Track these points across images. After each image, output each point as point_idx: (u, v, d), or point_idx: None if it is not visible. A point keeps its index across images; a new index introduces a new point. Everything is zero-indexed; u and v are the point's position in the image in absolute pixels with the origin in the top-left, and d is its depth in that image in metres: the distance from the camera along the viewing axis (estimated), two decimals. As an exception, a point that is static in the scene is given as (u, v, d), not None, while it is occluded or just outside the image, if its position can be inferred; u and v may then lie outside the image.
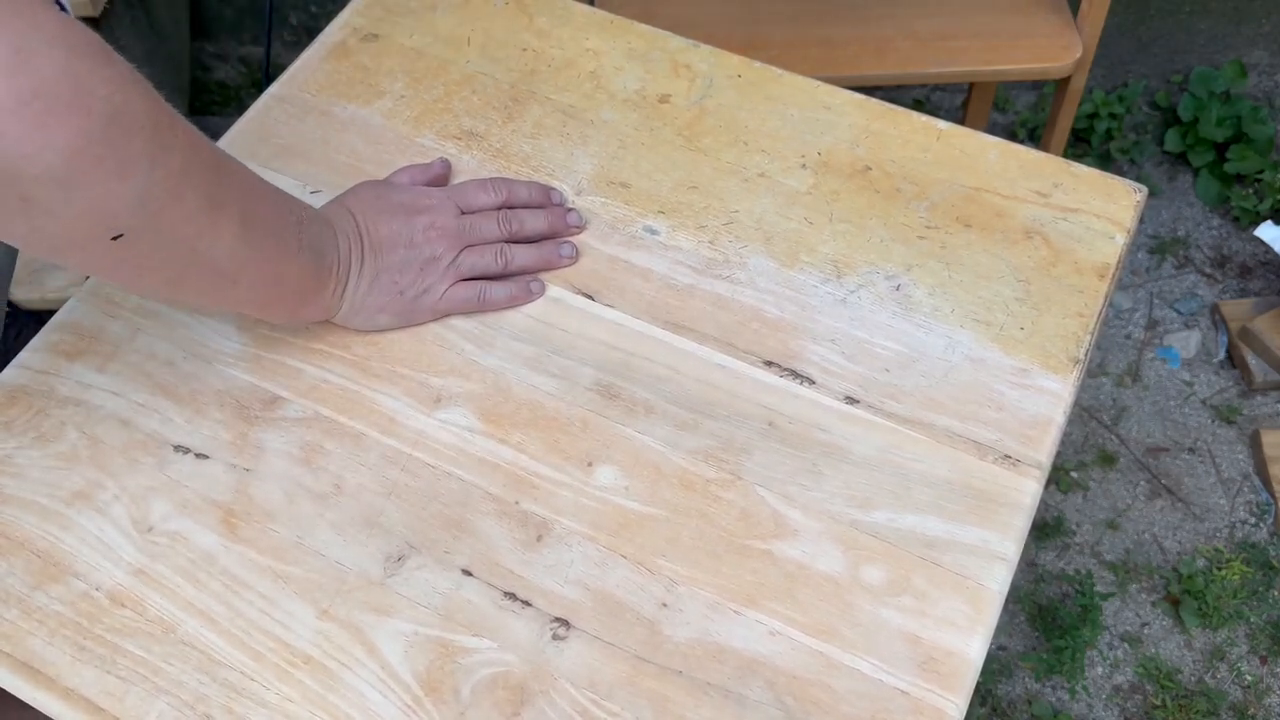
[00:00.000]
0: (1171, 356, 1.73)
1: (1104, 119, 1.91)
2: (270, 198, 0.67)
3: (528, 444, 0.72)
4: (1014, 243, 0.79)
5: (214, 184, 0.62)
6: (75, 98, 0.52)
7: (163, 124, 0.57)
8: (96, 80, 0.53)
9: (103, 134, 0.54)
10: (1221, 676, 1.48)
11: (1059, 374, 0.73)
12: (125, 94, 0.55)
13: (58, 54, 0.52)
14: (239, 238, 0.63)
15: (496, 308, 0.77)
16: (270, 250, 0.67)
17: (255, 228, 0.65)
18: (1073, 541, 1.58)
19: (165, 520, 0.70)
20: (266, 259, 0.67)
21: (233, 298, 0.68)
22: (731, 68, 0.88)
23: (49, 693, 0.64)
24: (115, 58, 0.56)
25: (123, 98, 0.55)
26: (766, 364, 0.74)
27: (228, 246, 0.63)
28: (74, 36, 0.53)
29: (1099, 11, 1.31)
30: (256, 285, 0.68)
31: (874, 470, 0.70)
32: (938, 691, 0.63)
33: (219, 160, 0.63)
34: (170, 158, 0.58)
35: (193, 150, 0.60)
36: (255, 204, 0.65)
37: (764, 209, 0.81)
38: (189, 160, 0.59)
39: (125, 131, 0.55)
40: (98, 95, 0.53)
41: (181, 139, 0.59)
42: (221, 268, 0.64)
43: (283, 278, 0.69)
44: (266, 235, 0.66)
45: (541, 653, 0.65)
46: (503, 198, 0.79)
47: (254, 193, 0.66)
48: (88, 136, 0.53)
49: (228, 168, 0.64)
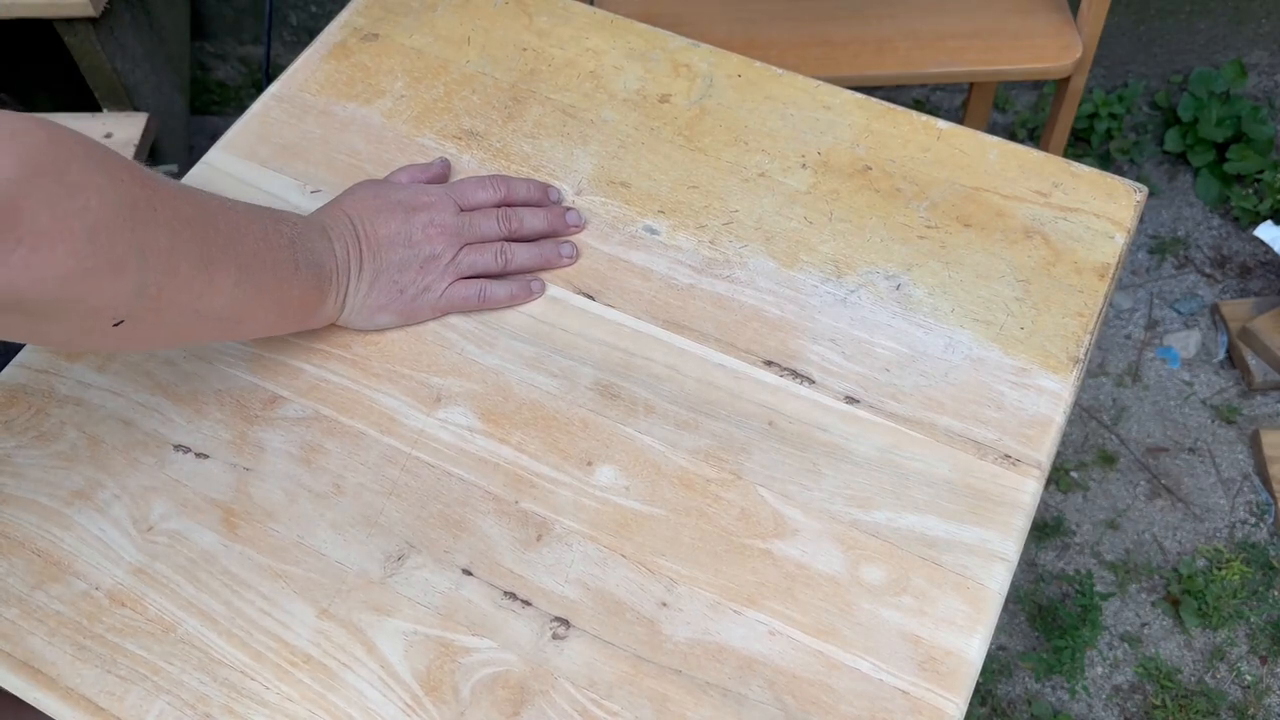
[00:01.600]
0: (1171, 356, 1.73)
1: (1104, 119, 1.91)
2: (259, 229, 0.66)
3: (528, 443, 0.72)
4: (1014, 242, 0.79)
5: (203, 244, 0.61)
6: (54, 223, 0.51)
7: (141, 205, 0.56)
8: (66, 193, 0.52)
9: (90, 248, 0.53)
10: (1221, 676, 1.48)
11: (1059, 374, 0.73)
12: (98, 192, 0.53)
13: (24, 178, 0.50)
14: (237, 284, 0.63)
15: (497, 306, 0.77)
16: (269, 283, 0.66)
17: (251, 269, 0.64)
18: (1073, 541, 1.58)
19: (165, 519, 0.70)
20: (267, 291, 0.67)
21: (239, 333, 0.70)
22: (731, 67, 0.88)
23: (49, 692, 0.64)
24: (72, 142, 0.54)
25: (97, 199, 0.53)
26: (766, 363, 0.74)
27: (227, 296, 0.63)
28: (27, 147, 0.51)
29: (1099, 11, 1.31)
30: (261, 317, 0.68)
31: (874, 470, 0.70)
32: (937, 691, 0.63)
33: (201, 213, 0.62)
34: (157, 239, 0.57)
35: (176, 219, 0.59)
36: (246, 244, 0.64)
37: (764, 209, 0.81)
38: (175, 232, 0.59)
39: (109, 234, 0.54)
40: (73, 210, 0.52)
41: (163, 212, 0.58)
42: (225, 315, 0.64)
43: (285, 301, 0.69)
44: (263, 270, 0.66)
45: (541, 652, 0.65)
46: (502, 195, 0.79)
47: (242, 231, 0.65)
48: (77, 256, 0.52)
49: (211, 218, 0.63)
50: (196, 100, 2.00)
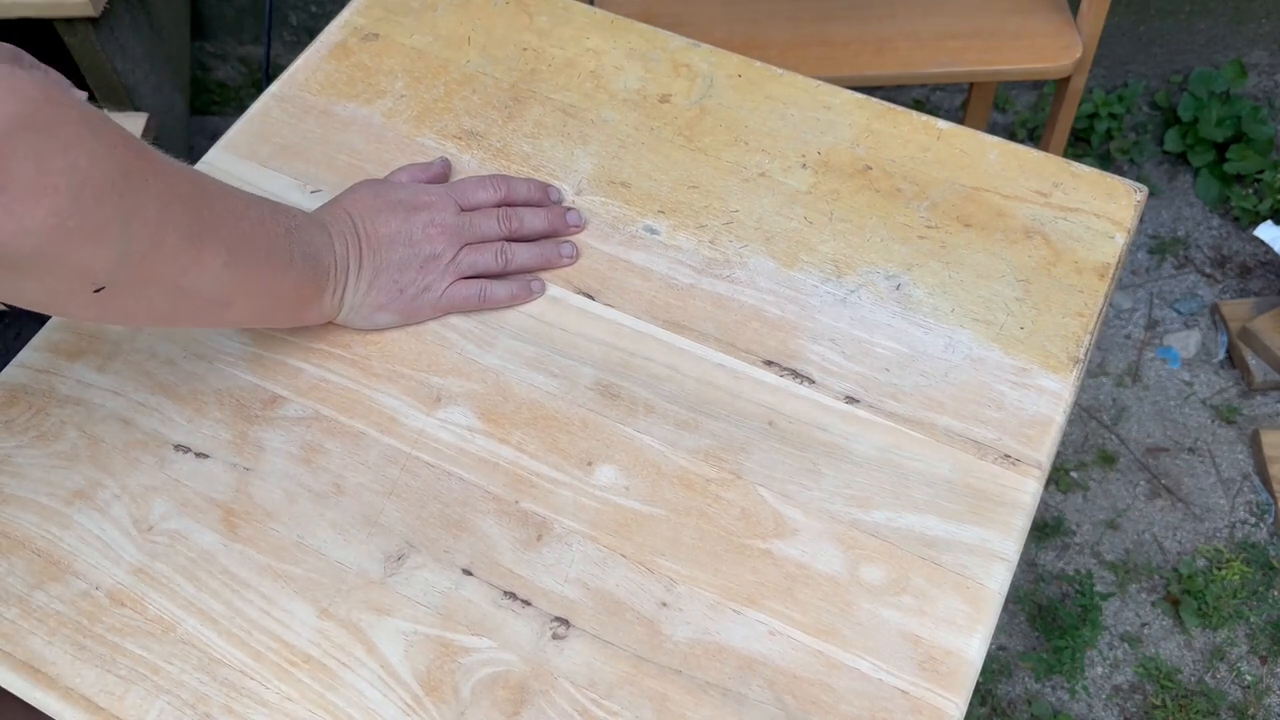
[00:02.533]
0: (1171, 356, 1.73)
1: (1104, 119, 1.91)
2: (256, 214, 0.66)
3: (528, 443, 0.72)
4: (1014, 242, 0.79)
5: (194, 219, 0.60)
6: (39, 177, 0.51)
7: (133, 173, 0.56)
8: (56, 150, 0.52)
9: (73, 206, 0.52)
10: (1221, 676, 1.48)
11: (1059, 373, 0.73)
12: (89, 154, 0.53)
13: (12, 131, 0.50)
14: (226, 265, 0.63)
15: (497, 306, 0.77)
16: (261, 269, 0.66)
17: (243, 251, 0.64)
18: (1073, 541, 1.58)
19: (165, 519, 0.70)
20: (258, 278, 0.66)
21: (229, 319, 0.69)
22: (731, 67, 0.88)
23: (49, 692, 0.64)
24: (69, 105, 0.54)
25: (87, 160, 0.53)
26: (766, 363, 0.74)
27: (215, 276, 0.62)
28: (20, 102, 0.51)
29: (1099, 11, 1.32)
30: (251, 304, 0.68)
31: (874, 470, 0.70)
32: (937, 691, 0.63)
33: (198, 191, 0.62)
34: (145, 207, 0.57)
35: (168, 192, 0.59)
36: (240, 226, 0.64)
37: (764, 208, 0.81)
38: (165, 204, 0.58)
39: (96, 197, 0.53)
40: (61, 167, 0.52)
41: (155, 184, 0.57)
42: (212, 296, 0.64)
43: (277, 291, 0.68)
44: (255, 255, 0.65)
45: (541, 652, 0.65)
46: (502, 195, 0.79)
47: (238, 214, 0.64)
48: (59, 214, 0.52)
49: (206, 197, 0.62)
50: (196, 100, 2.00)
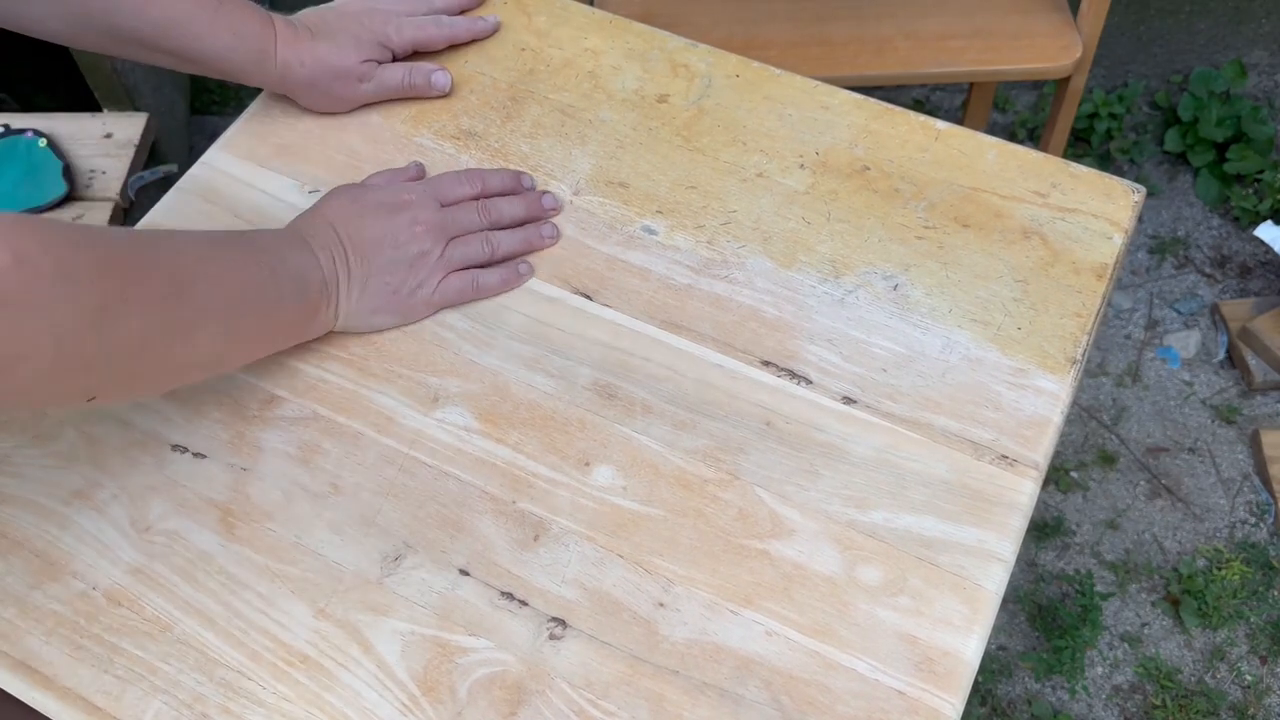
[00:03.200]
0: (1171, 356, 1.73)
1: (1104, 119, 1.91)
2: (237, 276, 0.65)
3: (525, 443, 0.72)
4: (1012, 243, 0.78)
5: (178, 314, 0.60)
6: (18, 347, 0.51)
7: (111, 304, 0.55)
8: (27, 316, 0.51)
9: (52, 364, 0.53)
10: (1221, 676, 1.48)
11: (1056, 374, 0.73)
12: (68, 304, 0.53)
13: None
14: (218, 337, 0.63)
15: (491, 294, 0.77)
16: (254, 324, 0.67)
17: (233, 319, 0.64)
18: (1073, 541, 1.58)
19: (163, 519, 0.70)
20: (254, 334, 0.67)
21: (230, 367, 0.71)
22: (730, 67, 0.88)
23: (46, 692, 0.64)
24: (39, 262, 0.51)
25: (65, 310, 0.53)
26: (764, 364, 0.74)
27: (209, 348, 0.63)
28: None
29: (1099, 11, 1.31)
30: (250, 353, 0.69)
31: (871, 470, 0.70)
32: (934, 692, 0.63)
33: (177, 282, 0.60)
34: (127, 329, 0.56)
35: (148, 297, 0.58)
36: (227, 295, 0.63)
37: (762, 209, 0.81)
38: (147, 313, 0.58)
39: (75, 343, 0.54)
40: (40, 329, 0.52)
41: (134, 302, 0.57)
42: (210, 364, 0.65)
43: (272, 331, 0.70)
44: (246, 316, 0.65)
45: (538, 652, 0.65)
46: (479, 188, 0.80)
47: (223, 283, 0.63)
48: (38, 373, 0.53)
49: (189, 282, 0.61)
50: (196, 100, 2.00)
